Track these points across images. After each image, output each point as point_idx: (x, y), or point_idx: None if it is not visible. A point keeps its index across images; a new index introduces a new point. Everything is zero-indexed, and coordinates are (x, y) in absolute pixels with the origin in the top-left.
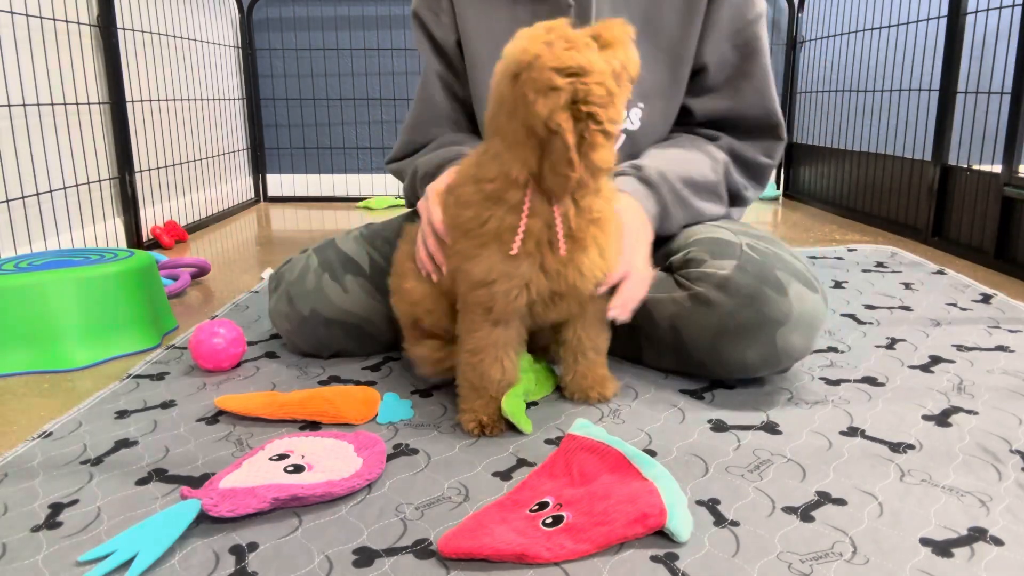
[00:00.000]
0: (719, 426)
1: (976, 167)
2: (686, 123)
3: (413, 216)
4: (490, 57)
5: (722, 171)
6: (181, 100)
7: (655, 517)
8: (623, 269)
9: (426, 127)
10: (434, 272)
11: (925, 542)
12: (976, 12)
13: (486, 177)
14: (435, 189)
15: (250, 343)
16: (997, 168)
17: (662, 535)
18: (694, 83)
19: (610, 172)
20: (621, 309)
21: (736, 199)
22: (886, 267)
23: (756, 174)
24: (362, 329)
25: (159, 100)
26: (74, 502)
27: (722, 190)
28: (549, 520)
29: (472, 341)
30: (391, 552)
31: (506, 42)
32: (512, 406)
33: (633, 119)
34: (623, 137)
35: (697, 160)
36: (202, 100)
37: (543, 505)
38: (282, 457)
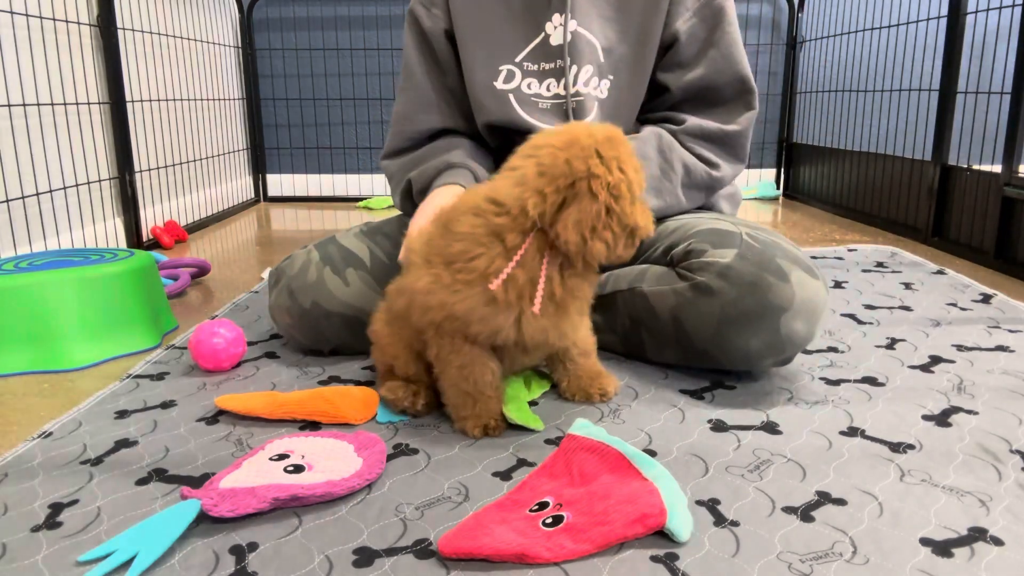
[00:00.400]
0: (719, 426)
1: (976, 167)
2: (662, 102)
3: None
4: (483, 42)
5: (678, 172)
6: (181, 100)
7: (655, 517)
8: None
9: (415, 115)
10: None
11: (925, 542)
12: (976, 12)
13: (498, 199)
14: (415, 225)
15: (250, 343)
16: (997, 168)
17: (662, 535)
18: (667, 58)
19: (596, 267)
20: None
21: (714, 186)
22: (886, 267)
23: (728, 144)
24: (363, 322)
25: (159, 100)
26: (74, 502)
27: (667, 186)
28: (549, 520)
29: (458, 359)
30: (391, 552)
31: (498, 27)
32: (517, 412)
33: (603, 89)
34: (596, 104)
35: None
36: (202, 100)
37: (543, 505)
38: (282, 457)
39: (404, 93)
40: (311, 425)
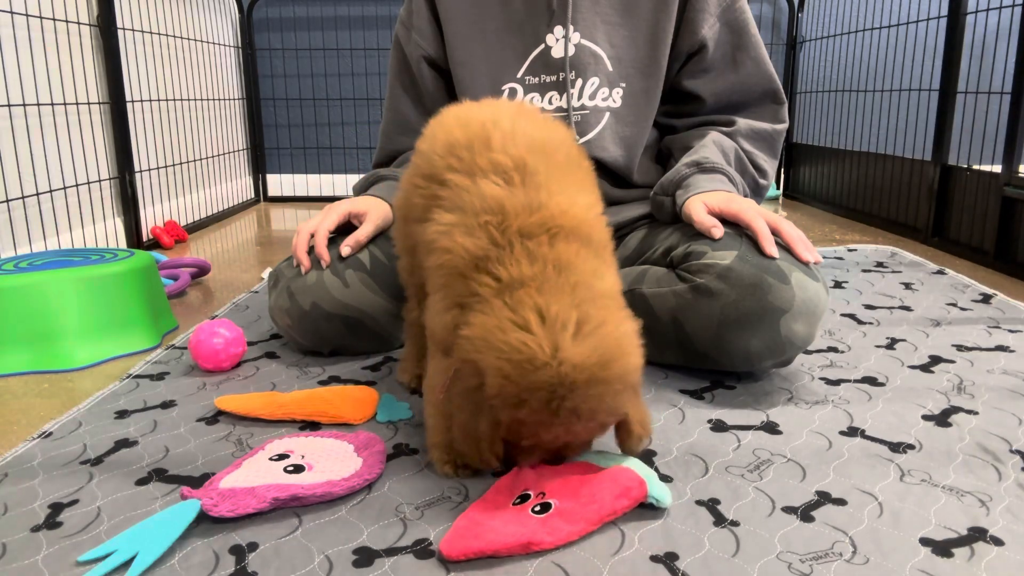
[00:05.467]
0: (719, 426)
1: (976, 167)
2: (695, 109)
3: None
4: (484, 63)
5: (732, 157)
6: (181, 100)
7: (636, 489)
8: (747, 218)
9: (394, 136)
10: (306, 264)
11: (925, 542)
12: (976, 12)
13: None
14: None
15: (250, 343)
16: (997, 168)
17: (662, 534)
18: (693, 64)
19: None
20: (803, 246)
21: (761, 182)
22: (886, 267)
23: (776, 142)
24: (362, 323)
25: (159, 100)
26: (74, 502)
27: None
28: (538, 508)
29: None
30: (391, 552)
31: (497, 43)
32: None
33: (616, 98)
34: (607, 115)
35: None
36: (202, 100)
37: (524, 497)
38: (282, 457)
39: (386, 112)
40: (311, 425)
